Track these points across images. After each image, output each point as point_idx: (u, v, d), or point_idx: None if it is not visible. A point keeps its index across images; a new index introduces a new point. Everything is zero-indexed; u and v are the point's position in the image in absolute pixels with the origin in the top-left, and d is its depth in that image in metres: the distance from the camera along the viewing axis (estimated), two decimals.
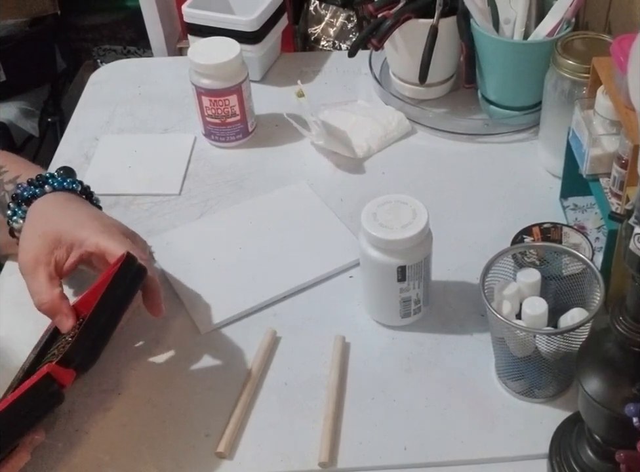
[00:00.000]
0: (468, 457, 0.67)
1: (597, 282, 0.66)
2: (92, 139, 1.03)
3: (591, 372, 0.57)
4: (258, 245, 0.86)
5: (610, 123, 0.77)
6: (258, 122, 1.02)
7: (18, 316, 0.80)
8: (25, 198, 0.77)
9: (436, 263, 0.75)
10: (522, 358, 0.67)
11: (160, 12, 1.41)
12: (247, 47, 1.03)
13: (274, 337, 0.76)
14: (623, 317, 0.54)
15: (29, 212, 0.76)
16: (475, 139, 0.99)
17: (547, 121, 0.91)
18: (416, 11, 0.96)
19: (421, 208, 0.71)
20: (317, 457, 0.67)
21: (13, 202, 0.77)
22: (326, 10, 1.50)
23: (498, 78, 0.96)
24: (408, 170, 0.95)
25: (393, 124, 1.00)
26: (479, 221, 0.87)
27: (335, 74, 1.12)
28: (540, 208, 0.88)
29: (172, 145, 1.01)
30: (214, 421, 0.70)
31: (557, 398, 0.70)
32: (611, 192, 0.75)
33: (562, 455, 0.64)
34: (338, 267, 0.82)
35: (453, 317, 0.78)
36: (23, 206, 0.77)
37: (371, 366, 0.74)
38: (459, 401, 0.71)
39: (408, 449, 0.68)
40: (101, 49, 1.93)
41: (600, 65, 0.77)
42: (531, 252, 0.72)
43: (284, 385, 0.73)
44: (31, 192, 0.77)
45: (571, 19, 0.91)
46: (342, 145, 0.96)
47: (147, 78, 1.13)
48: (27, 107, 1.78)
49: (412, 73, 0.99)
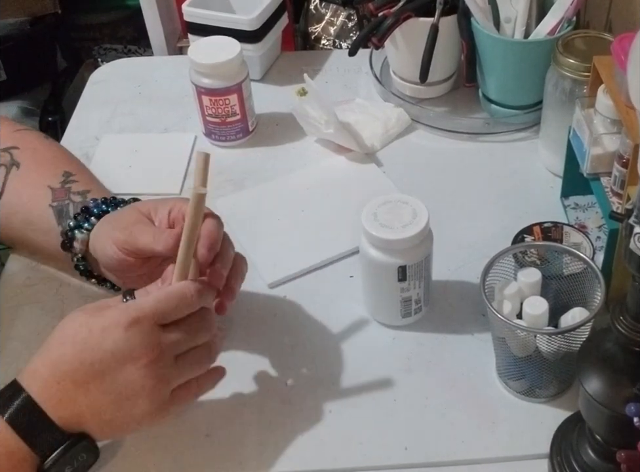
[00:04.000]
0: (468, 457, 0.67)
1: (597, 281, 0.66)
2: (92, 138, 1.03)
3: (592, 371, 0.57)
4: (318, 209, 0.90)
5: (611, 122, 0.77)
6: (258, 122, 1.02)
7: (18, 316, 0.80)
8: (95, 214, 0.75)
9: (436, 263, 0.75)
10: (523, 357, 0.67)
11: (160, 11, 1.40)
12: (247, 46, 1.03)
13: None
14: (624, 317, 0.54)
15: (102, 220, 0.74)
16: (475, 138, 0.99)
17: (548, 120, 0.91)
18: (416, 10, 0.95)
19: (421, 207, 0.71)
20: (317, 457, 0.67)
21: (81, 215, 0.75)
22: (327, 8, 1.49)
23: (499, 77, 0.96)
24: (408, 169, 0.95)
25: (393, 120, 1.00)
26: (480, 221, 0.87)
27: (335, 73, 1.12)
28: (541, 207, 0.87)
29: (173, 144, 1.01)
30: (214, 421, 0.70)
31: (557, 398, 0.70)
32: (612, 191, 0.75)
33: (563, 455, 0.64)
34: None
35: (453, 317, 0.78)
36: (92, 219, 0.75)
37: (371, 366, 0.74)
38: (459, 401, 0.71)
39: (408, 449, 0.68)
40: (101, 48, 1.93)
41: (601, 63, 0.77)
42: (532, 251, 0.72)
43: (284, 385, 0.73)
44: (103, 209, 0.76)
45: (572, 18, 0.91)
46: (351, 138, 0.96)
47: (148, 78, 1.13)
48: (27, 106, 1.77)
49: (412, 72, 0.99)
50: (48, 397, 0.59)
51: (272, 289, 0.82)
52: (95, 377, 0.59)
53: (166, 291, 0.61)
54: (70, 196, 0.78)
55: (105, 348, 0.59)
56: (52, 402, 0.59)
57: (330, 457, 0.67)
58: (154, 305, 0.60)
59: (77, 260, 0.76)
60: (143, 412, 0.61)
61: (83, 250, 0.75)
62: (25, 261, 0.85)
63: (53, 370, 0.59)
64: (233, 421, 0.70)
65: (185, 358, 0.62)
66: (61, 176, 0.80)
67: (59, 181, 0.79)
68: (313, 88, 0.96)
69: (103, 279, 0.78)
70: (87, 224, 0.75)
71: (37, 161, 0.82)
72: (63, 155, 0.85)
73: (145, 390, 0.60)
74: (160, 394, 0.60)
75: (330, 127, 0.95)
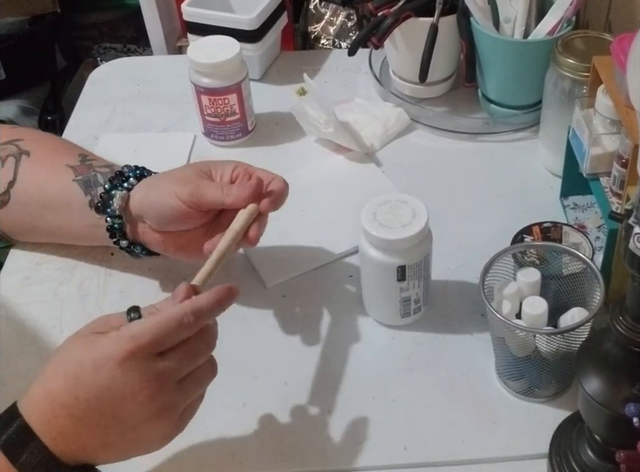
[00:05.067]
0: (468, 457, 0.67)
1: (597, 281, 0.66)
2: (92, 137, 1.03)
3: (591, 371, 0.57)
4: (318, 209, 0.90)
5: (611, 122, 0.77)
6: (257, 121, 1.02)
7: (17, 316, 0.80)
8: (132, 176, 0.76)
9: (436, 263, 0.75)
10: (522, 357, 0.67)
11: (160, 10, 1.41)
12: (247, 46, 1.03)
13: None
14: (623, 317, 0.54)
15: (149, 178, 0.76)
16: (475, 138, 0.99)
17: (548, 120, 0.91)
18: (416, 9, 0.95)
19: (421, 207, 0.71)
20: (317, 457, 0.67)
21: (117, 178, 0.76)
22: (326, 8, 1.49)
23: (498, 77, 0.96)
24: (407, 169, 0.95)
25: (392, 119, 1.00)
26: (479, 221, 0.87)
27: (335, 72, 1.12)
28: (540, 207, 0.87)
29: (172, 143, 1.01)
30: (214, 420, 0.70)
31: (557, 397, 0.70)
32: (611, 191, 0.75)
33: (562, 455, 0.64)
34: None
35: (453, 317, 0.78)
36: (131, 179, 0.76)
37: (371, 365, 0.74)
38: (459, 401, 0.71)
39: (408, 449, 0.68)
40: (101, 47, 1.93)
41: (601, 64, 0.77)
42: (531, 251, 0.72)
43: (284, 384, 0.73)
44: (138, 173, 0.77)
45: (571, 18, 0.91)
46: (350, 138, 0.96)
47: (147, 77, 1.13)
48: (27, 106, 1.77)
49: (412, 72, 0.99)
50: (48, 430, 0.55)
51: (271, 289, 0.82)
52: (93, 413, 0.55)
53: (162, 317, 0.56)
54: (95, 169, 0.79)
55: (99, 384, 0.55)
56: (52, 434, 0.55)
57: (330, 457, 0.67)
58: (149, 335, 0.55)
59: (112, 219, 0.75)
60: (154, 439, 0.58)
61: (123, 206, 0.75)
62: (24, 261, 0.85)
63: (50, 403, 0.56)
64: (233, 421, 0.70)
65: (188, 381, 0.58)
66: (77, 157, 0.80)
67: (77, 161, 0.79)
68: (312, 88, 0.96)
69: (133, 243, 0.77)
70: (126, 184, 0.76)
71: (47, 148, 0.82)
72: (70, 142, 0.86)
73: (152, 421, 0.56)
74: (168, 421, 0.58)
75: (330, 126, 0.95)
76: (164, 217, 0.73)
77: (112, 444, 0.57)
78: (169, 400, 0.57)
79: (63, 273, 0.84)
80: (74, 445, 0.56)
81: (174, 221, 0.73)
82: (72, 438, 0.56)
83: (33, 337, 0.77)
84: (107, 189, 0.76)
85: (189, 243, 0.74)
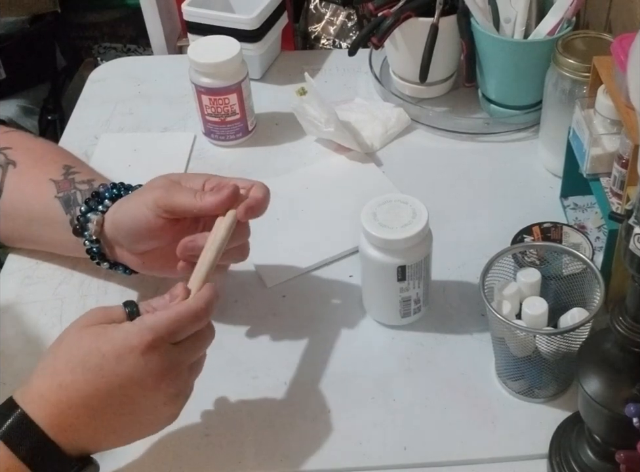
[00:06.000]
0: (468, 457, 0.67)
1: (597, 282, 0.66)
2: (92, 137, 1.03)
3: (591, 372, 0.57)
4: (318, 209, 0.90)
5: (611, 122, 0.77)
6: (257, 121, 1.02)
7: (18, 316, 0.80)
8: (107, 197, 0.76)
9: (436, 263, 0.75)
10: (522, 358, 0.67)
11: (160, 10, 1.40)
12: (247, 46, 1.03)
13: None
14: (623, 317, 0.54)
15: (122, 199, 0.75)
16: (475, 138, 0.99)
17: (548, 120, 0.91)
18: (416, 10, 0.95)
19: (421, 207, 0.71)
20: (317, 457, 0.67)
21: (93, 200, 0.76)
22: (327, 8, 1.49)
23: (499, 77, 0.96)
24: (408, 169, 0.95)
25: (392, 119, 1.00)
26: (479, 221, 0.87)
27: (335, 72, 1.12)
28: (540, 208, 0.87)
29: (172, 143, 1.01)
30: (213, 421, 0.70)
31: (556, 398, 0.70)
32: (611, 191, 0.75)
33: (562, 455, 0.64)
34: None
35: (453, 317, 0.78)
36: (106, 201, 0.76)
37: (371, 366, 0.74)
38: (459, 401, 0.71)
39: (408, 449, 0.68)
40: (101, 47, 1.93)
41: (601, 64, 0.77)
42: (531, 251, 0.72)
43: (284, 384, 0.73)
44: (115, 193, 0.76)
45: (571, 18, 0.91)
46: (351, 137, 0.96)
47: (147, 77, 1.13)
48: (27, 105, 1.77)
49: (412, 72, 0.99)
50: (58, 422, 0.57)
51: (271, 288, 0.82)
52: (113, 402, 0.58)
53: (178, 310, 0.60)
54: (76, 185, 0.78)
55: (122, 375, 0.57)
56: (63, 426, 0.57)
57: (329, 457, 0.67)
58: (168, 326, 0.59)
59: (90, 243, 0.75)
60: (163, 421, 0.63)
61: (98, 231, 0.74)
62: (24, 261, 0.85)
63: (64, 396, 0.57)
64: (233, 421, 0.70)
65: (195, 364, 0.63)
66: (62, 169, 0.80)
67: (61, 174, 0.79)
68: (313, 87, 0.96)
69: (115, 263, 0.77)
70: (101, 206, 0.75)
71: (34, 158, 0.82)
72: (58, 150, 0.86)
73: (167, 405, 0.61)
74: (179, 403, 0.62)
75: (330, 126, 0.95)
76: (135, 234, 0.72)
77: (123, 429, 0.60)
78: (184, 384, 0.62)
79: (63, 273, 0.84)
80: (84, 433, 0.58)
81: (146, 237, 0.71)
82: (83, 428, 0.58)
83: (33, 337, 0.77)
84: (82, 212, 0.75)
85: (169, 262, 0.72)
